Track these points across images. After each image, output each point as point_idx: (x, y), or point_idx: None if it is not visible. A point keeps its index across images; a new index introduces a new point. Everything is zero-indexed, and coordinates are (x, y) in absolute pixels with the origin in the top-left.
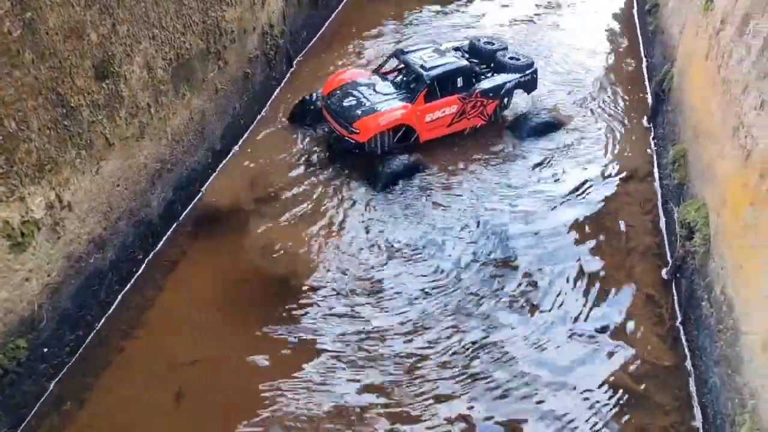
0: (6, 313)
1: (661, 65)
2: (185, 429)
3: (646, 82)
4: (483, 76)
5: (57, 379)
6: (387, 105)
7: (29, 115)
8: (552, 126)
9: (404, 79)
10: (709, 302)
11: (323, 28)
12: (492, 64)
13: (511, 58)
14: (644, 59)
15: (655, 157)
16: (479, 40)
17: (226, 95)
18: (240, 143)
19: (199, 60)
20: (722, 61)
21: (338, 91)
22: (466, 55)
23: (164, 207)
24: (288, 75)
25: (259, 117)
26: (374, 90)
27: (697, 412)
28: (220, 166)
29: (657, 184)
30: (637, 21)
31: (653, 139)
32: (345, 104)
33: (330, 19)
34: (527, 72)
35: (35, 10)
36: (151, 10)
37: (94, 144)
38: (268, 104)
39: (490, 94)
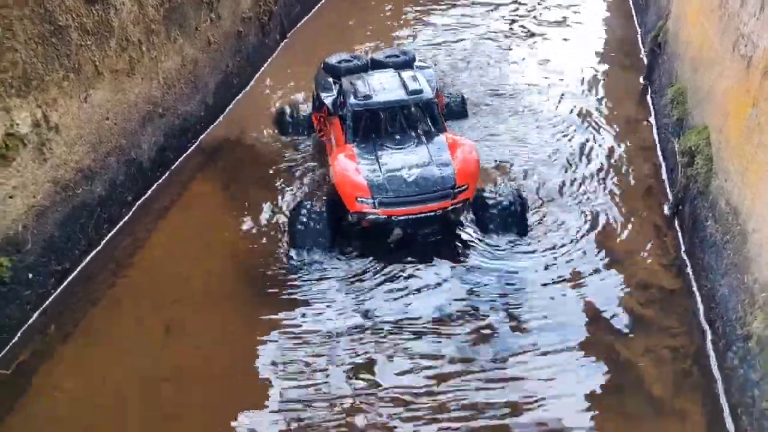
0: None
1: (654, 26)
2: (173, 364)
3: (641, 47)
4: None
5: (41, 310)
6: (437, 145)
7: (15, 23)
8: None
9: (400, 116)
10: (714, 220)
11: (318, 5)
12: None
13: (388, 57)
14: (638, 27)
15: (652, 108)
16: (340, 61)
17: (220, 50)
18: (233, 103)
19: (191, 7)
20: None
21: (379, 177)
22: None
23: (156, 152)
24: (281, 46)
25: (252, 82)
26: (405, 146)
27: (706, 330)
28: (215, 123)
29: (655, 132)
30: None
31: (651, 94)
32: (413, 179)
33: None
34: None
35: None
36: None
37: (83, 69)
38: (259, 71)
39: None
